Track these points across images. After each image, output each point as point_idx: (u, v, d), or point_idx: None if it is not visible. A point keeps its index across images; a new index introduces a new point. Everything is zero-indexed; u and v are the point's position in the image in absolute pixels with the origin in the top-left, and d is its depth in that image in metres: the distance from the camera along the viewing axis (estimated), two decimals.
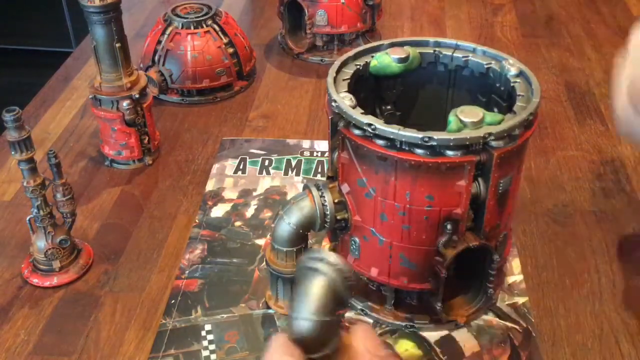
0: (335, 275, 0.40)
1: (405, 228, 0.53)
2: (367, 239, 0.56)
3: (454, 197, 0.52)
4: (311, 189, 0.55)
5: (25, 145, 0.62)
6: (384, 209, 0.53)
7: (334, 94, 0.53)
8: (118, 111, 0.78)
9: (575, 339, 0.61)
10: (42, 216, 0.65)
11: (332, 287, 0.40)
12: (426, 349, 0.60)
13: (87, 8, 0.73)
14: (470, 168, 0.50)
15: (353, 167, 0.53)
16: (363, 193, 0.54)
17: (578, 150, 0.84)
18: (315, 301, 0.39)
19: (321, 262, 0.40)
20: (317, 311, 0.39)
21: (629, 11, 1.18)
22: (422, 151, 0.49)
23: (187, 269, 0.68)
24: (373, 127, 0.50)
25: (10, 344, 0.62)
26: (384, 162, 0.51)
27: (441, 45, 0.61)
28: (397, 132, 0.49)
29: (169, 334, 0.62)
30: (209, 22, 0.93)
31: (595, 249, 0.70)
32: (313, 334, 0.39)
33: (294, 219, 0.56)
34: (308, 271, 0.40)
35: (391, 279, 0.57)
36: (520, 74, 0.57)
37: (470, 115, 0.50)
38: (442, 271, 0.53)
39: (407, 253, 0.55)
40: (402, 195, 0.52)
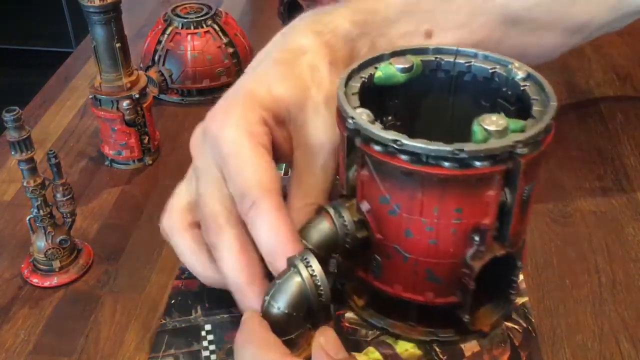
0: (309, 282, 0.46)
1: (432, 243, 0.52)
2: (390, 257, 0.54)
3: (483, 208, 0.50)
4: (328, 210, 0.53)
5: (25, 145, 0.62)
6: (410, 226, 0.51)
7: (350, 110, 0.51)
8: (118, 111, 0.78)
9: (575, 339, 0.61)
10: (42, 216, 0.65)
11: (305, 291, 0.46)
12: (426, 349, 0.60)
13: (87, 8, 0.73)
14: (499, 178, 0.49)
15: (374, 185, 0.51)
16: (386, 210, 0.52)
17: (578, 150, 0.84)
18: (288, 296, 0.46)
19: (304, 265, 0.46)
20: (287, 305, 0.46)
21: None
22: (449, 164, 0.47)
23: (187, 269, 0.68)
24: (399, 142, 0.47)
25: (10, 344, 0.62)
26: (410, 178, 0.49)
27: (442, 52, 0.59)
28: (425, 146, 0.47)
29: (169, 334, 0.62)
30: (209, 22, 0.93)
31: (595, 249, 0.70)
32: (279, 323, 0.46)
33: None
34: (292, 267, 0.46)
35: (417, 294, 0.55)
36: (528, 77, 0.56)
37: (495, 124, 0.49)
38: (470, 283, 0.52)
39: (434, 268, 0.53)
40: (429, 211, 0.50)
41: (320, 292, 0.47)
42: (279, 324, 0.46)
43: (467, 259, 0.52)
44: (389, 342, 0.60)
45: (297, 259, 0.48)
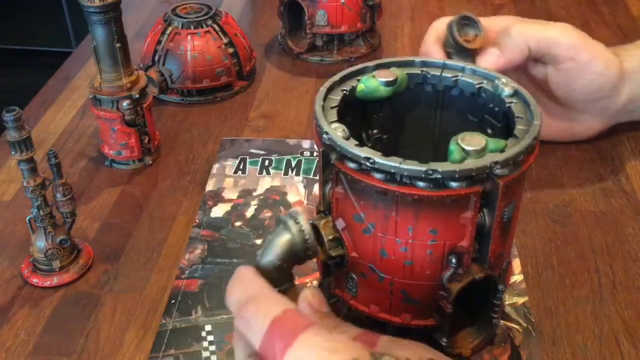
0: (297, 235, 0.49)
1: (408, 264, 0.50)
2: (365, 276, 0.53)
3: (459, 230, 0.49)
4: (285, 220, 0.51)
5: (25, 145, 0.62)
6: (384, 245, 0.50)
7: (325, 125, 0.49)
8: (118, 111, 0.78)
9: (575, 339, 0.61)
10: (42, 216, 0.65)
11: (293, 243, 0.49)
12: None
13: (87, 8, 0.73)
14: (476, 199, 0.47)
15: (349, 202, 0.50)
16: (361, 229, 0.51)
17: (578, 150, 0.84)
18: (277, 249, 0.49)
19: (292, 221, 0.49)
20: (276, 256, 0.48)
21: (629, 11, 1.18)
22: (424, 184, 0.46)
23: (187, 269, 0.68)
24: (372, 160, 0.46)
25: (10, 344, 0.62)
26: (384, 197, 0.47)
27: (428, 64, 0.57)
28: (398, 165, 0.46)
29: (169, 334, 0.62)
30: (209, 22, 0.93)
31: (595, 249, 0.70)
32: (269, 273, 0.48)
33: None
34: (281, 223, 0.49)
35: (393, 316, 0.53)
36: (515, 94, 0.54)
37: (473, 143, 0.47)
38: (447, 306, 0.50)
39: (410, 289, 0.52)
40: (404, 231, 0.49)
41: (307, 245, 0.49)
42: (270, 274, 0.48)
43: (444, 281, 0.50)
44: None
45: (286, 217, 0.50)
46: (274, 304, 0.44)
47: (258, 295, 0.46)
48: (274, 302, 0.45)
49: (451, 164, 0.46)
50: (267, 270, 0.49)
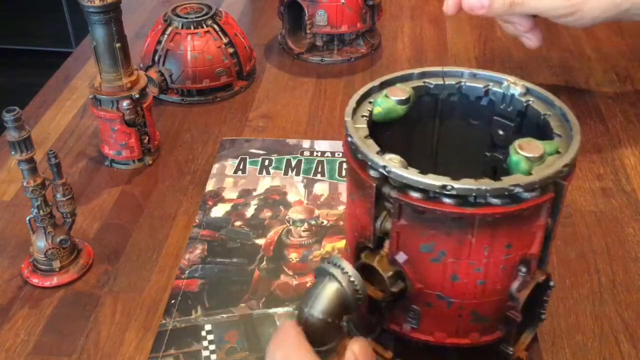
0: (347, 285, 0.45)
1: (480, 283, 0.49)
2: (431, 305, 0.51)
3: (530, 239, 0.48)
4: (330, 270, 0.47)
5: (25, 145, 0.62)
6: (457, 270, 0.48)
7: (379, 159, 0.47)
8: (118, 111, 0.78)
9: (575, 339, 0.61)
10: (42, 216, 0.65)
11: (342, 295, 0.45)
12: None
13: (87, 8, 0.73)
14: (549, 206, 0.47)
15: (414, 234, 0.48)
16: (428, 259, 0.48)
17: None
18: (325, 302, 0.44)
19: (338, 270, 0.45)
20: (324, 311, 0.44)
21: None
22: (501, 201, 0.45)
23: (187, 269, 0.68)
24: (448, 187, 0.44)
25: (10, 344, 0.62)
26: (459, 222, 0.46)
27: (427, 75, 0.57)
28: (478, 187, 0.44)
29: (169, 334, 0.62)
30: (209, 22, 0.93)
31: (595, 249, 0.70)
32: (317, 330, 0.44)
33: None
34: (326, 274, 0.45)
35: (460, 339, 0.52)
36: (527, 92, 0.54)
37: (534, 150, 0.47)
38: (517, 316, 0.50)
39: (480, 308, 0.50)
40: (479, 252, 0.47)
41: (358, 296, 0.46)
42: (319, 331, 0.45)
43: (512, 291, 0.49)
44: None
45: (328, 266, 0.46)
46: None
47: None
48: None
49: (528, 177, 0.45)
50: (314, 326, 0.45)
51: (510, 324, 0.51)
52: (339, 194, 0.77)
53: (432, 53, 1.07)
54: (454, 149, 0.55)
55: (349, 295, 0.45)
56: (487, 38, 1.10)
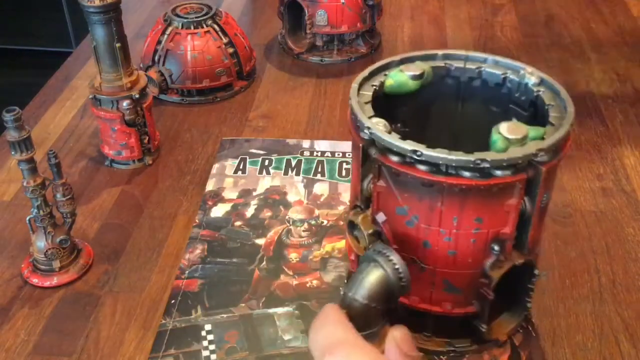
0: (392, 273, 0.46)
1: (451, 253, 0.51)
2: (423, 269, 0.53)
3: (503, 217, 0.49)
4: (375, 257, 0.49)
5: (25, 145, 0.62)
6: (428, 236, 0.51)
7: (366, 121, 0.50)
8: (118, 111, 0.78)
9: (575, 339, 0.61)
10: (42, 216, 0.65)
11: (387, 282, 0.46)
12: None
13: (87, 8, 0.73)
14: (521, 187, 0.48)
15: (391, 196, 0.50)
16: (403, 221, 0.51)
17: (578, 150, 0.84)
18: (369, 289, 0.45)
19: (384, 258, 0.46)
20: (368, 297, 0.45)
21: (629, 11, 1.18)
22: (471, 174, 0.47)
23: (187, 269, 0.68)
24: (418, 152, 0.46)
25: (10, 344, 0.62)
26: (429, 189, 0.48)
27: (451, 57, 0.58)
28: (446, 156, 0.46)
29: (169, 334, 0.62)
30: (209, 22, 0.93)
31: (595, 249, 0.70)
32: (360, 315, 0.45)
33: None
34: (371, 261, 0.46)
35: (434, 306, 0.54)
36: (541, 82, 0.55)
37: (516, 132, 0.48)
38: (489, 293, 0.51)
39: (452, 278, 0.52)
40: (448, 221, 0.49)
41: (402, 283, 0.47)
42: (363, 317, 0.46)
43: (486, 268, 0.51)
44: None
45: (374, 253, 0.48)
46: (363, 355, 0.41)
47: (346, 342, 0.42)
48: (364, 352, 0.41)
49: (498, 153, 0.47)
50: (356, 311, 0.46)
51: (483, 301, 0.52)
52: (339, 194, 0.77)
53: None
54: (474, 134, 0.56)
55: (393, 282, 0.46)
56: (487, 38, 1.10)
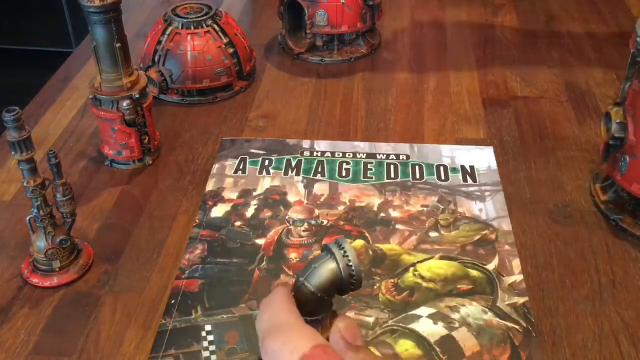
0: (343, 268, 0.46)
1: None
2: (636, 157, 0.68)
3: None
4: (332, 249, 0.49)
5: (25, 145, 0.62)
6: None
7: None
8: (118, 111, 0.78)
9: (575, 339, 0.61)
10: (42, 216, 0.65)
11: (337, 277, 0.46)
12: (426, 348, 0.60)
13: (87, 8, 0.73)
14: None
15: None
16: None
17: (578, 151, 0.84)
18: (319, 279, 0.46)
19: (340, 251, 0.47)
20: (317, 286, 0.46)
21: (629, 11, 1.18)
22: None
23: (187, 269, 0.68)
24: None
25: (10, 344, 0.62)
26: None
27: None
28: None
29: (169, 334, 0.62)
30: (209, 22, 0.93)
31: (595, 249, 0.70)
32: (307, 302, 0.46)
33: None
34: (328, 252, 0.47)
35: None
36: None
37: None
38: None
39: None
40: None
41: (353, 281, 0.47)
42: (310, 304, 0.47)
43: None
44: (388, 342, 0.60)
45: (333, 245, 0.48)
46: (303, 339, 0.41)
47: (286, 325, 0.43)
48: (304, 336, 0.41)
49: None
50: (305, 297, 0.47)
51: None
52: (339, 194, 0.77)
53: (432, 53, 1.07)
54: None
55: (344, 278, 0.47)
56: (487, 38, 1.10)
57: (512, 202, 0.76)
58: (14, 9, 2.60)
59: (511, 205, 0.76)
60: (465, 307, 0.63)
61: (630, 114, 0.68)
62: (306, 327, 0.43)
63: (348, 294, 0.48)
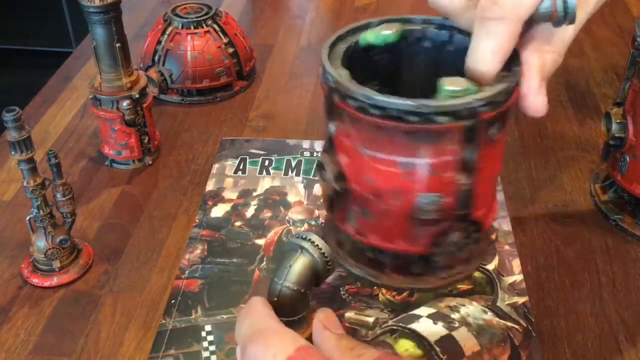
0: (318, 257, 0.48)
1: None
2: (636, 157, 0.68)
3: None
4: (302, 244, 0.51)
5: (25, 145, 0.62)
6: None
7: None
8: (118, 111, 0.78)
9: (575, 339, 0.61)
10: (42, 216, 0.65)
11: (315, 266, 0.48)
12: (426, 348, 0.60)
13: (87, 8, 0.73)
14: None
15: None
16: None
17: (578, 150, 0.84)
18: (297, 274, 0.48)
19: (308, 243, 0.49)
20: (298, 282, 0.47)
21: (629, 11, 1.18)
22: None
23: (187, 269, 0.68)
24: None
25: (10, 344, 0.62)
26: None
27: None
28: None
29: (169, 334, 0.62)
30: (209, 22, 0.93)
31: (595, 249, 0.70)
32: (291, 301, 0.47)
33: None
34: (296, 247, 0.49)
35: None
36: None
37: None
38: None
39: None
40: None
41: (328, 267, 0.49)
42: (292, 303, 0.48)
43: None
44: (388, 342, 0.60)
45: (300, 240, 0.50)
46: (285, 341, 0.41)
47: (267, 330, 0.43)
48: (285, 339, 0.41)
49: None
50: (287, 297, 0.47)
51: None
52: None
53: None
54: None
55: (320, 266, 0.49)
56: None
57: (512, 202, 0.76)
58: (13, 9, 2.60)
59: (511, 205, 0.76)
60: (465, 307, 0.64)
61: (630, 114, 0.69)
62: (287, 330, 0.43)
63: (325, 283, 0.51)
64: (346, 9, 1.20)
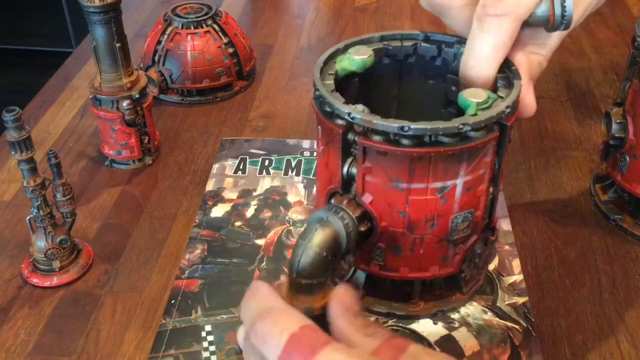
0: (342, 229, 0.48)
1: None
2: (636, 157, 0.68)
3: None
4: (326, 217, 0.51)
5: (25, 145, 0.62)
6: None
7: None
8: (118, 111, 0.78)
9: (575, 339, 0.61)
10: (42, 216, 0.65)
11: (338, 236, 0.48)
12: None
13: (87, 8, 0.73)
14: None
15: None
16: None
17: (578, 150, 0.84)
18: (321, 238, 0.47)
19: (336, 216, 0.49)
20: (320, 245, 0.47)
21: (629, 11, 1.18)
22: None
23: (187, 269, 0.68)
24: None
25: (10, 344, 0.62)
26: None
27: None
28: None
29: (169, 334, 0.62)
30: (209, 22, 0.93)
31: (595, 249, 0.70)
32: (311, 263, 0.46)
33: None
34: (325, 217, 0.49)
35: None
36: None
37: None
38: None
39: None
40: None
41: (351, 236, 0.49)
42: (312, 263, 0.47)
43: None
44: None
45: (325, 210, 0.50)
46: (291, 319, 0.42)
47: (274, 309, 0.44)
48: (292, 317, 0.42)
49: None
50: (309, 259, 0.47)
51: None
52: None
53: None
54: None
55: (344, 235, 0.49)
56: None
57: (512, 202, 0.76)
58: (13, 9, 2.60)
59: (511, 205, 0.76)
60: (465, 307, 0.63)
61: (631, 114, 0.69)
62: (294, 310, 0.44)
63: None
64: (346, 9, 1.20)
